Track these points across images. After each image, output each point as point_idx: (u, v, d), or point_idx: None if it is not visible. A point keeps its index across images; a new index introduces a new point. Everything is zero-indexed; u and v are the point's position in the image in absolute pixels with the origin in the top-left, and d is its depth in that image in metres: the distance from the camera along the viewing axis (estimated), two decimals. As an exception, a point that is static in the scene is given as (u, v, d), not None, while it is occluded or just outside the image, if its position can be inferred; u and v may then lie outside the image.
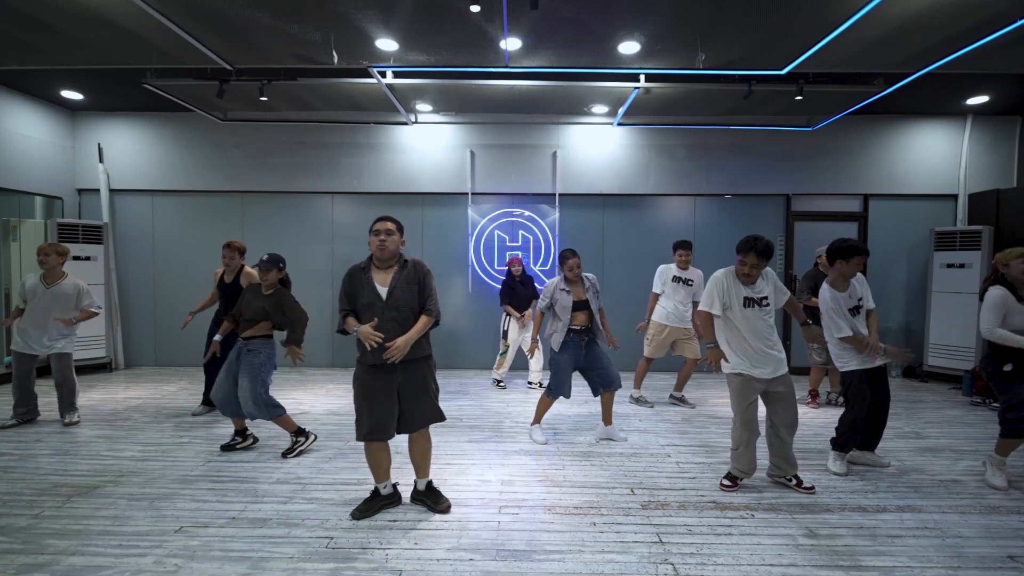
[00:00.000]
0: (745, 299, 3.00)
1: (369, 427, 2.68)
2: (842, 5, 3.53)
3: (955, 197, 6.55)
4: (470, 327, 6.62)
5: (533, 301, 5.55)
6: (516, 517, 2.77)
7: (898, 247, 6.58)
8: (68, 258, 4.30)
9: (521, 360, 5.96)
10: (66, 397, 4.30)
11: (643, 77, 5.06)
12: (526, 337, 5.56)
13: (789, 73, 4.61)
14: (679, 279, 4.85)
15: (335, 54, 4.28)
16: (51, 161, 6.31)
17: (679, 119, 6.26)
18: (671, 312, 4.82)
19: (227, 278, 4.45)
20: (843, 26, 3.75)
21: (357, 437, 2.72)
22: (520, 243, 6.60)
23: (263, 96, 5.35)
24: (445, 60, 4.48)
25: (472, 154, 6.57)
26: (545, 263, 6.59)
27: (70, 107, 6.47)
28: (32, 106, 6.08)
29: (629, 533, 2.61)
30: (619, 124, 6.39)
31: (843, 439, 3.36)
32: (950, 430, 4.30)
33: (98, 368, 6.36)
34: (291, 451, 3.64)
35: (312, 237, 6.71)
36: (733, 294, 3.01)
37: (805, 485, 3.09)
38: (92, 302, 4.31)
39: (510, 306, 5.56)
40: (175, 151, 6.62)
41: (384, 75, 5.01)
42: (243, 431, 3.82)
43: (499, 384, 5.72)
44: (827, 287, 3.30)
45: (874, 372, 3.34)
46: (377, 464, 2.81)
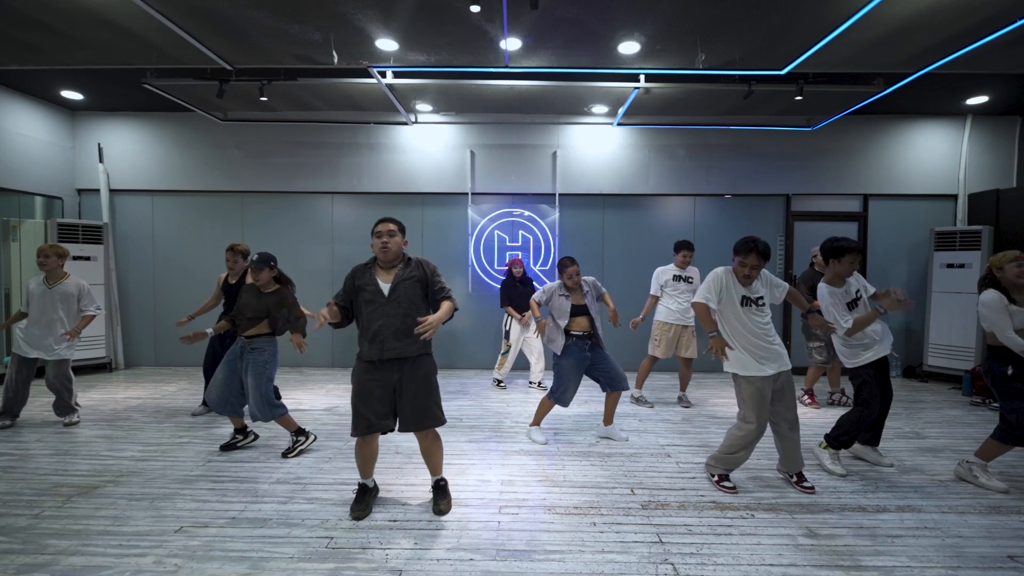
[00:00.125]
0: (743, 298, 3.02)
1: (364, 425, 2.69)
2: (842, 5, 3.53)
3: (955, 197, 6.55)
4: (470, 327, 6.62)
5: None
6: (516, 517, 2.77)
7: (898, 247, 6.58)
8: (68, 259, 4.29)
9: (522, 360, 5.96)
10: (63, 402, 4.28)
11: (643, 77, 5.06)
12: (527, 337, 5.58)
13: (789, 73, 4.61)
14: (679, 277, 4.88)
15: (335, 54, 4.28)
16: (51, 161, 6.31)
17: (679, 119, 6.26)
18: (674, 310, 4.86)
19: (232, 280, 4.47)
20: (843, 26, 3.75)
21: (352, 433, 2.72)
22: (520, 243, 6.60)
23: (263, 96, 5.35)
24: (445, 60, 4.48)
25: (472, 154, 6.57)
26: (545, 263, 6.59)
27: (70, 107, 6.47)
28: (32, 106, 6.08)
29: (629, 533, 2.61)
30: (619, 124, 6.40)
31: (848, 437, 3.36)
32: (950, 430, 4.30)
33: (98, 368, 6.36)
34: (291, 451, 3.64)
35: (312, 237, 6.71)
36: (732, 292, 3.03)
37: (806, 484, 3.09)
38: (91, 303, 4.30)
39: (510, 307, 5.56)
40: (175, 151, 6.62)
41: (384, 75, 5.01)
42: (243, 429, 3.83)
43: (499, 384, 5.72)
44: (823, 285, 3.33)
45: (882, 369, 3.35)
46: (367, 460, 2.83)
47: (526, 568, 2.32)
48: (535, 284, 5.76)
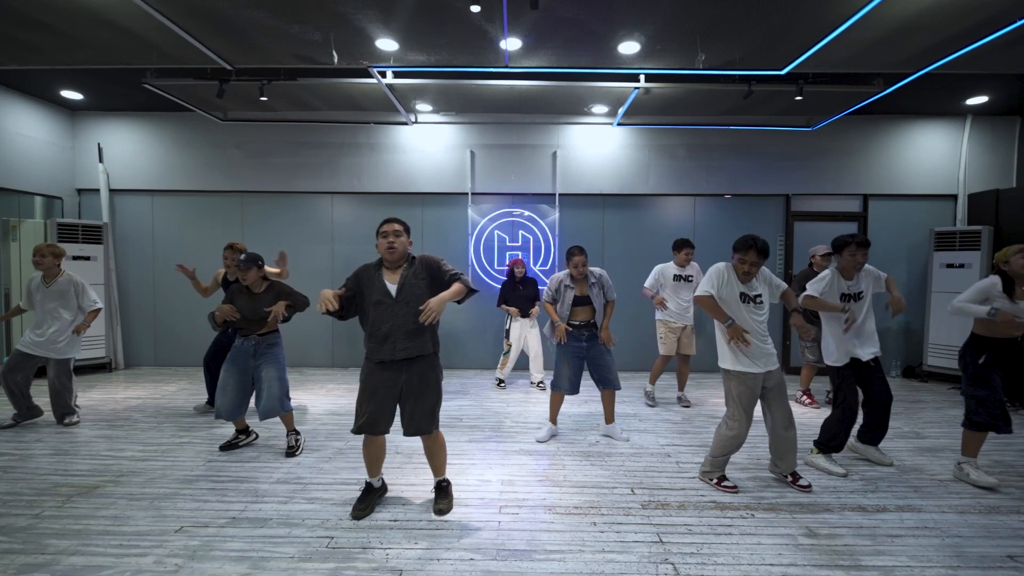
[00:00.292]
0: (741, 295, 3.04)
1: (363, 421, 2.70)
2: (842, 5, 3.53)
3: (955, 197, 6.55)
4: (470, 327, 6.62)
5: (536, 301, 5.60)
6: (516, 517, 2.78)
7: (898, 247, 6.58)
8: (64, 259, 4.28)
9: (523, 360, 5.96)
10: (62, 403, 4.26)
11: (643, 77, 5.06)
12: (527, 336, 5.59)
13: (789, 73, 4.61)
14: (680, 277, 4.90)
15: (335, 54, 4.28)
16: (51, 161, 6.30)
17: (679, 119, 6.26)
18: (674, 309, 4.90)
19: (230, 277, 4.49)
20: (843, 26, 3.75)
21: (352, 429, 2.74)
22: (520, 243, 6.60)
23: (263, 96, 5.35)
24: (445, 60, 4.48)
25: (472, 154, 6.57)
26: (545, 263, 6.59)
27: (70, 107, 6.46)
28: (32, 106, 6.08)
29: (629, 533, 2.62)
30: (619, 124, 6.39)
31: (836, 440, 3.38)
32: (950, 430, 4.30)
33: (98, 368, 6.36)
34: (296, 448, 3.68)
35: (312, 237, 6.71)
36: (732, 287, 3.05)
37: (802, 483, 3.10)
38: (90, 298, 4.28)
39: (507, 305, 5.60)
40: (175, 151, 6.62)
41: (384, 75, 5.01)
42: (245, 429, 3.85)
43: (500, 384, 5.73)
44: (832, 269, 3.42)
45: (864, 369, 3.36)
46: (374, 460, 2.84)
47: (526, 568, 2.32)
48: (537, 285, 5.75)
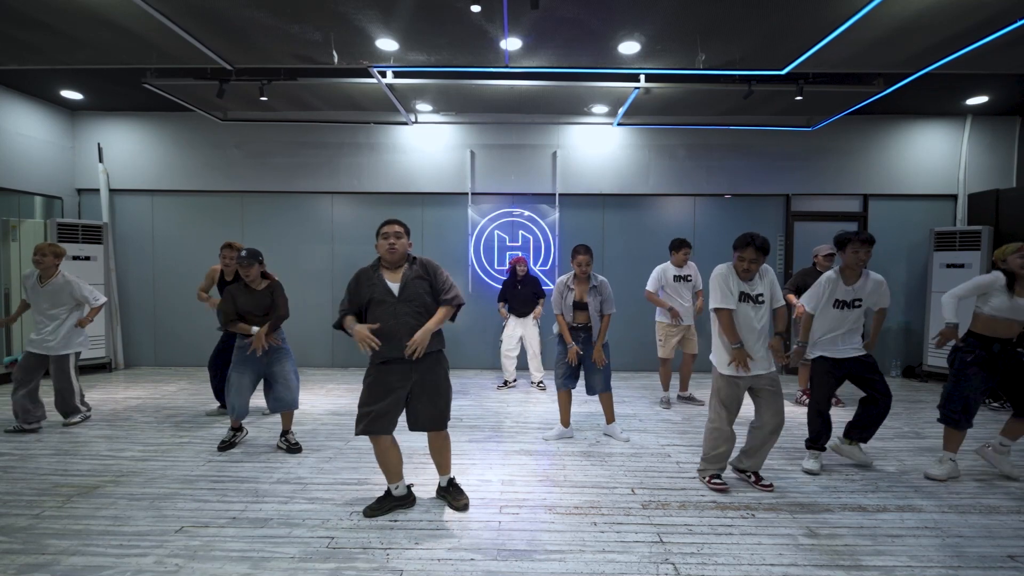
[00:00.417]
0: (741, 294, 3.03)
1: (366, 421, 2.68)
2: (842, 5, 3.53)
3: (955, 197, 6.56)
4: (470, 327, 6.61)
5: (540, 300, 5.65)
6: (517, 517, 2.78)
7: (898, 247, 6.58)
8: (64, 259, 4.24)
9: (522, 361, 5.96)
10: (62, 401, 4.24)
11: (643, 77, 5.06)
12: (526, 336, 5.62)
13: (789, 73, 4.61)
14: (679, 277, 4.91)
15: (335, 54, 4.28)
16: (51, 161, 6.30)
17: (679, 119, 6.26)
18: (678, 312, 4.89)
19: (227, 276, 4.49)
20: (843, 26, 3.75)
21: (356, 432, 2.72)
22: (520, 243, 6.60)
23: (263, 96, 5.35)
24: (445, 60, 4.49)
25: (472, 154, 6.57)
26: (545, 263, 6.59)
27: (70, 107, 6.46)
28: (32, 106, 6.07)
29: (630, 533, 2.62)
30: (619, 124, 6.40)
31: (816, 434, 3.40)
32: (950, 430, 4.29)
33: (98, 368, 6.35)
34: (296, 445, 3.71)
35: (312, 237, 6.71)
36: (733, 287, 3.04)
37: (764, 483, 3.11)
38: (87, 294, 4.20)
39: (504, 304, 5.67)
40: (175, 151, 6.62)
41: (384, 75, 5.01)
42: (240, 426, 3.90)
43: (507, 384, 5.75)
44: (832, 271, 3.42)
45: (858, 368, 3.34)
46: (385, 463, 2.79)
47: (527, 568, 2.32)
48: (539, 285, 5.76)
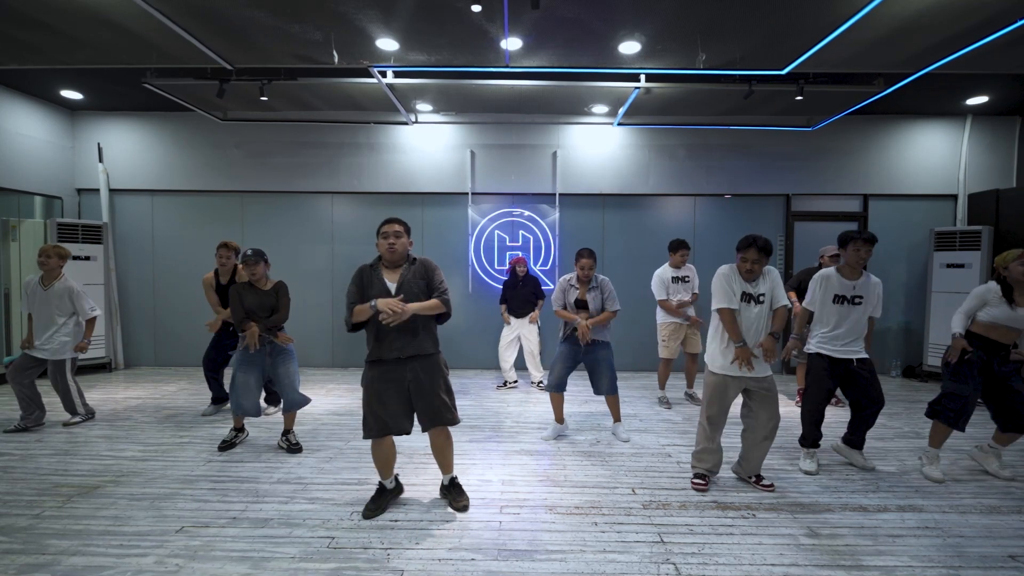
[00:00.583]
0: (743, 294, 3.03)
1: (377, 426, 2.69)
2: (842, 5, 3.53)
3: (955, 197, 6.56)
4: (470, 327, 6.61)
5: (540, 301, 5.66)
6: (517, 517, 2.78)
7: (898, 247, 6.58)
8: (68, 261, 4.25)
9: (522, 361, 5.96)
10: (64, 402, 4.25)
11: (643, 77, 5.06)
12: (524, 336, 5.62)
13: (789, 73, 4.61)
14: (678, 279, 4.95)
15: (335, 54, 4.28)
16: (51, 161, 6.30)
17: (679, 119, 6.26)
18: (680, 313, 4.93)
19: (223, 279, 4.44)
20: (843, 26, 3.75)
21: (364, 436, 2.72)
22: (520, 243, 6.60)
23: (263, 96, 5.34)
24: (445, 60, 4.48)
25: (472, 154, 6.56)
26: (545, 263, 6.59)
27: (70, 107, 6.46)
28: (32, 106, 6.07)
29: (630, 533, 2.62)
30: (619, 124, 6.39)
31: (807, 430, 3.42)
32: (950, 430, 4.29)
33: (98, 368, 6.35)
34: (296, 445, 3.71)
35: (312, 237, 6.70)
36: (735, 287, 3.04)
37: (764, 483, 3.12)
38: (83, 306, 4.19)
39: (505, 305, 5.69)
40: (175, 151, 6.61)
41: (384, 75, 5.00)
42: (242, 427, 3.90)
43: (508, 384, 5.75)
44: (831, 269, 3.43)
45: (851, 368, 3.33)
46: (385, 463, 2.82)
47: (528, 568, 2.32)
48: (539, 285, 5.77)
